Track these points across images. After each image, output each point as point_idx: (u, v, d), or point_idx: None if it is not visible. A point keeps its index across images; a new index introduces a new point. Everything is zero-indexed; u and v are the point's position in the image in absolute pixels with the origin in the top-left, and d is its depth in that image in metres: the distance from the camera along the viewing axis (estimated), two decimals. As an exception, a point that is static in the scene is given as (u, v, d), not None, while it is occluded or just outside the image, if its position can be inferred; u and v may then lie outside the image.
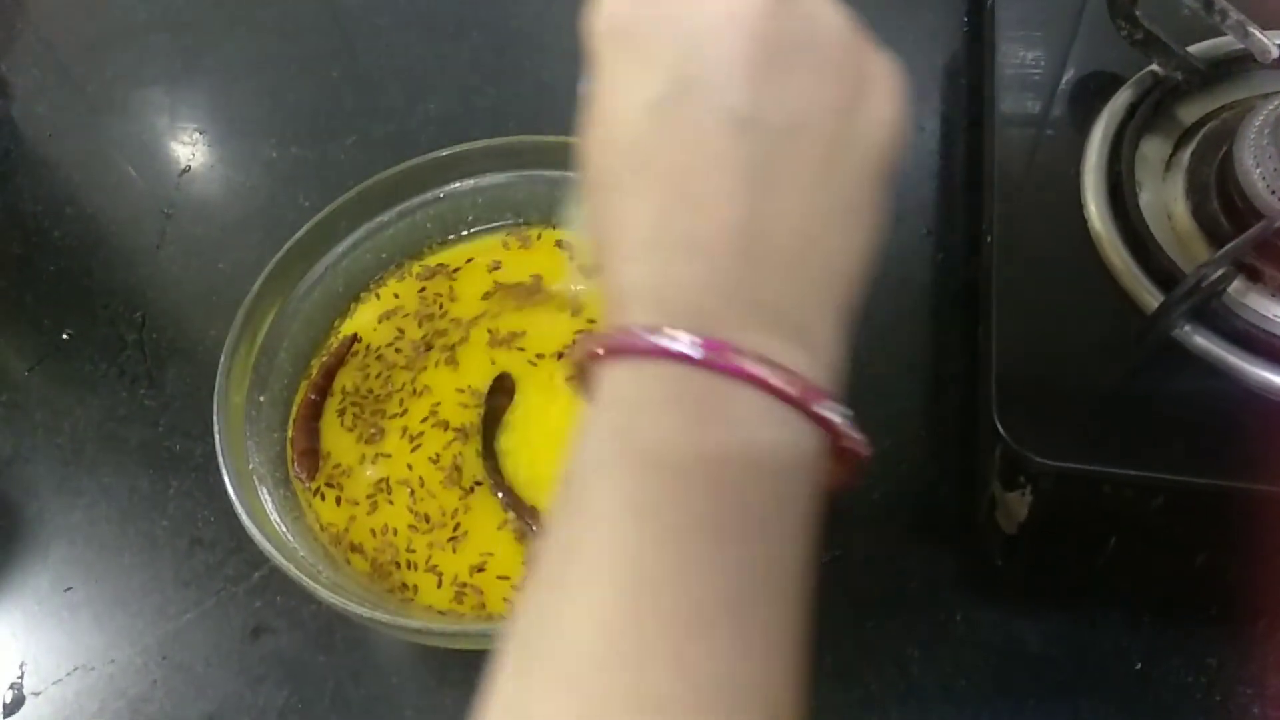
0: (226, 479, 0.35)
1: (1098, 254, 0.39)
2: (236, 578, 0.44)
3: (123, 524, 0.46)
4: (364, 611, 0.31)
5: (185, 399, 0.49)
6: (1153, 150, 0.42)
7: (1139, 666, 0.38)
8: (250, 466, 0.36)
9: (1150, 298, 0.37)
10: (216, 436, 0.35)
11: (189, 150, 0.59)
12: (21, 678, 0.43)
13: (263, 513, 0.34)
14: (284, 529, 0.35)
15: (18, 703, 0.42)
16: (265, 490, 0.36)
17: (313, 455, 0.40)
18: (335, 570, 0.35)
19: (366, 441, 0.40)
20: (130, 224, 0.57)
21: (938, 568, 0.41)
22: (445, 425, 0.40)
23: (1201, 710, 0.38)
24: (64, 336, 0.52)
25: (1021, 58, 0.46)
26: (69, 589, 0.44)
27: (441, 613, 0.36)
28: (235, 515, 0.44)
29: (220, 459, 0.35)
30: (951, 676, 0.39)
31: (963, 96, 0.57)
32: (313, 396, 0.41)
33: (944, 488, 0.43)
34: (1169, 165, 0.42)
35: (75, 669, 0.42)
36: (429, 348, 0.42)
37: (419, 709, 0.40)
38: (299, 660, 0.42)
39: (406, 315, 0.43)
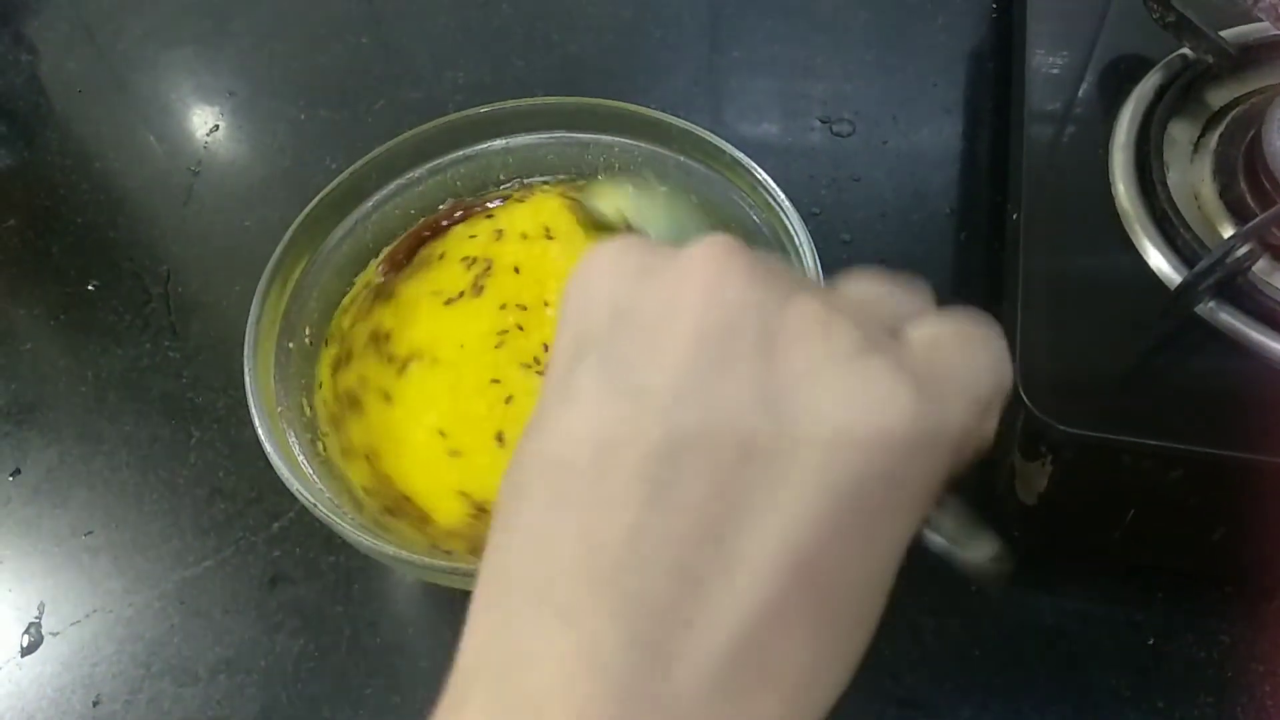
0: (255, 419, 0.35)
1: (1124, 231, 0.39)
2: (256, 527, 0.44)
3: (143, 472, 0.46)
4: (389, 549, 0.32)
5: (209, 352, 0.50)
6: (1181, 132, 0.42)
7: (1151, 641, 0.39)
8: (279, 410, 0.36)
9: (1175, 274, 0.37)
10: (247, 377, 0.36)
11: (217, 110, 0.60)
12: (40, 618, 0.43)
13: (292, 455, 0.35)
14: (310, 471, 0.35)
15: (36, 642, 0.42)
16: (293, 435, 0.36)
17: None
18: (361, 515, 0.35)
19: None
20: (157, 180, 0.57)
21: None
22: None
23: (1213, 686, 0.38)
24: (89, 288, 0.53)
25: (1052, 39, 0.46)
26: (89, 533, 0.45)
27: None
28: (256, 466, 0.45)
29: (250, 398, 0.35)
30: (965, 646, 0.39)
31: (989, 81, 0.57)
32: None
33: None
34: (1197, 147, 0.42)
35: (94, 611, 0.43)
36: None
37: (435, 659, 0.40)
38: (316, 609, 0.42)
39: None
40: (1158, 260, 0.38)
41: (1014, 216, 0.43)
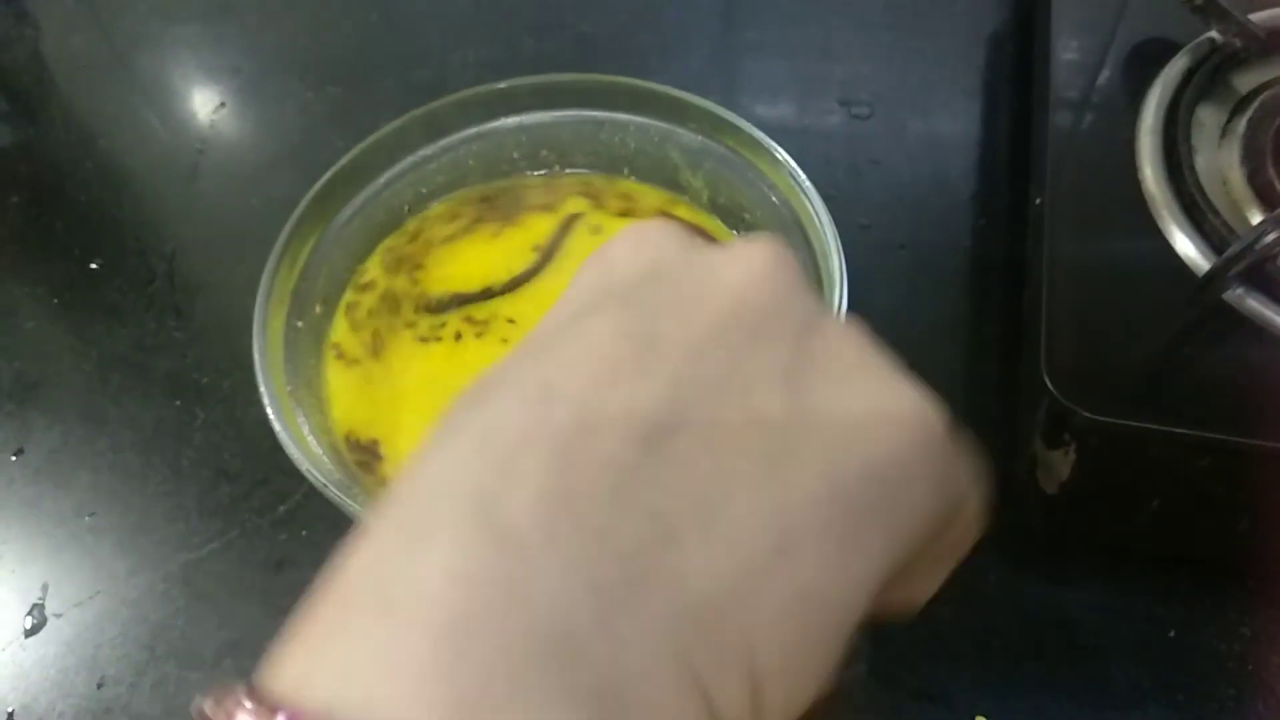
0: (265, 399, 0.34)
1: (1150, 216, 0.38)
2: (261, 510, 0.44)
3: (147, 453, 0.46)
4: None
5: (214, 332, 0.49)
6: (1209, 117, 0.41)
7: (1172, 634, 0.38)
8: (288, 389, 0.35)
9: (1202, 260, 0.37)
10: (256, 356, 0.35)
11: (223, 87, 0.59)
12: (44, 599, 0.42)
13: (301, 436, 0.34)
14: (320, 452, 0.34)
15: (39, 624, 0.42)
16: (301, 415, 0.35)
17: None
18: (369, 496, 0.35)
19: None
20: (163, 158, 0.56)
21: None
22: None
23: (1234, 679, 0.37)
24: (93, 266, 0.52)
25: (1076, 22, 0.45)
26: (92, 514, 0.44)
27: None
28: (262, 448, 0.45)
29: (259, 378, 0.34)
30: (983, 636, 0.39)
31: (1009, 64, 0.56)
32: None
33: (981, 448, 0.43)
34: (1224, 132, 0.41)
35: (98, 593, 0.42)
36: None
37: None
38: (323, 593, 0.41)
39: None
40: (1184, 246, 0.37)
41: (1036, 201, 0.42)
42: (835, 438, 0.18)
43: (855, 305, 0.36)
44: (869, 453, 0.18)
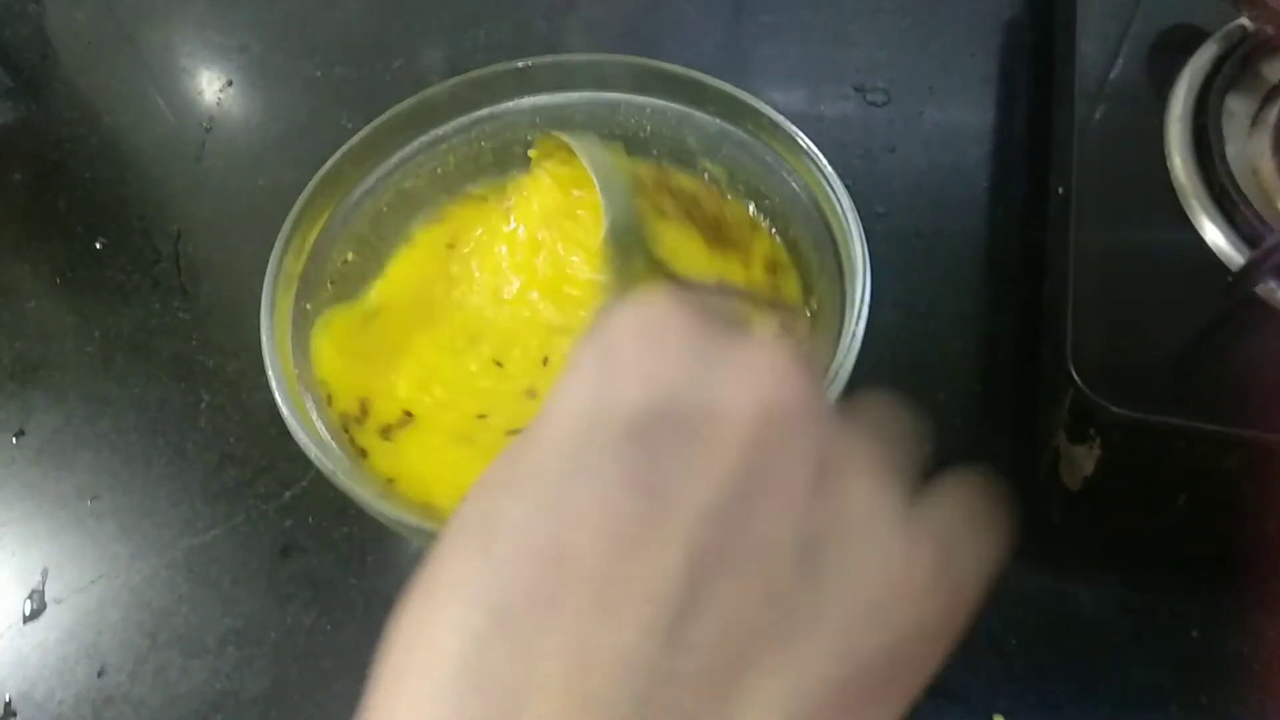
0: (273, 382, 0.33)
1: (1180, 206, 0.37)
2: (267, 495, 0.43)
3: (151, 435, 0.45)
4: (412, 520, 0.30)
5: (220, 313, 0.48)
6: (1239, 105, 0.40)
7: (1195, 635, 0.37)
8: (296, 373, 0.34)
9: (1233, 251, 0.36)
10: (264, 339, 0.34)
11: (230, 65, 0.58)
12: (44, 584, 0.42)
13: (309, 420, 0.33)
14: (328, 437, 0.33)
15: (39, 609, 0.41)
16: (309, 400, 0.34)
17: None
18: (376, 480, 0.34)
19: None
20: (168, 137, 0.56)
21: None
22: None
23: (1256, 683, 0.37)
24: (97, 245, 0.51)
25: (1102, 7, 0.44)
26: (95, 497, 0.43)
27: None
28: (268, 432, 0.44)
29: (267, 361, 0.34)
30: (1001, 635, 0.38)
31: (1027, 51, 0.55)
32: None
33: (999, 442, 0.42)
34: (1255, 121, 0.40)
35: (99, 577, 0.41)
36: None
37: (451, 636, 0.39)
38: (329, 581, 0.41)
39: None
40: (1214, 236, 0.37)
41: (1059, 191, 0.41)
42: (853, 618, 0.18)
43: (872, 294, 0.36)
44: (888, 633, 0.18)
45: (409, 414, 0.36)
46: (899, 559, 0.18)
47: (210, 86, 0.57)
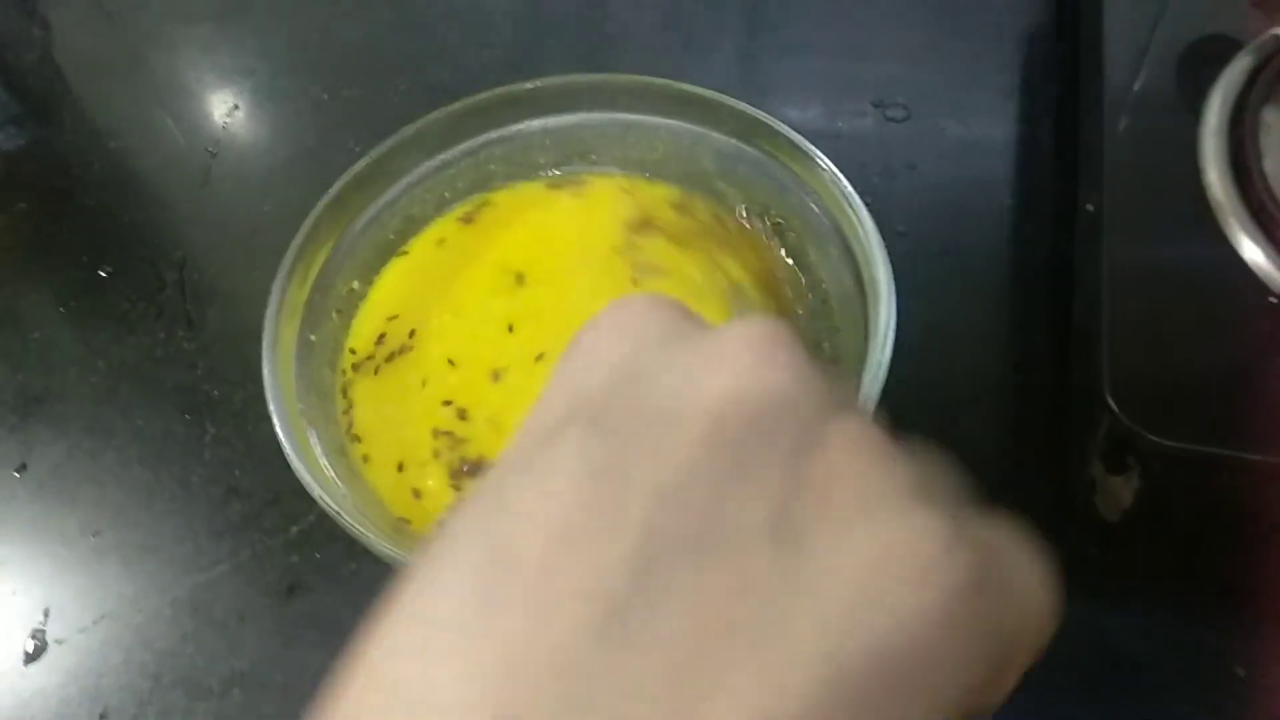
0: (275, 416, 0.32)
1: (1216, 224, 0.36)
2: (273, 530, 0.42)
3: (155, 469, 0.44)
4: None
5: (226, 342, 0.47)
6: (1275, 118, 0.39)
7: (1240, 672, 0.36)
8: (300, 407, 0.33)
9: (1273, 269, 0.34)
10: (265, 372, 0.33)
11: (236, 89, 0.57)
12: (45, 624, 0.40)
13: (311, 455, 0.32)
14: (332, 473, 0.32)
15: (40, 650, 0.40)
16: (314, 434, 0.33)
17: None
18: (385, 518, 0.33)
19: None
20: (174, 162, 0.55)
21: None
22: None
23: (1306, 721, 0.35)
24: (101, 274, 0.50)
25: (1132, 18, 0.43)
26: (97, 533, 0.42)
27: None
28: (274, 465, 0.42)
29: (268, 394, 0.33)
30: (1037, 672, 0.36)
31: (1051, 64, 0.54)
32: None
33: (1031, 469, 0.41)
34: (1292, 134, 0.39)
35: (102, 617, 0.40)
36: None
37: (463, 677, 0.37)
38: (337, 621, 0.39)
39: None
40: (1253, 254, 0.35)
41: (1088, 208, 0.40)
42: (836, 607, 0.15)
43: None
44: (877, 627, 0.15)
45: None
46: (892, 534, 0.16)
47: (216, 111, 0.56)
